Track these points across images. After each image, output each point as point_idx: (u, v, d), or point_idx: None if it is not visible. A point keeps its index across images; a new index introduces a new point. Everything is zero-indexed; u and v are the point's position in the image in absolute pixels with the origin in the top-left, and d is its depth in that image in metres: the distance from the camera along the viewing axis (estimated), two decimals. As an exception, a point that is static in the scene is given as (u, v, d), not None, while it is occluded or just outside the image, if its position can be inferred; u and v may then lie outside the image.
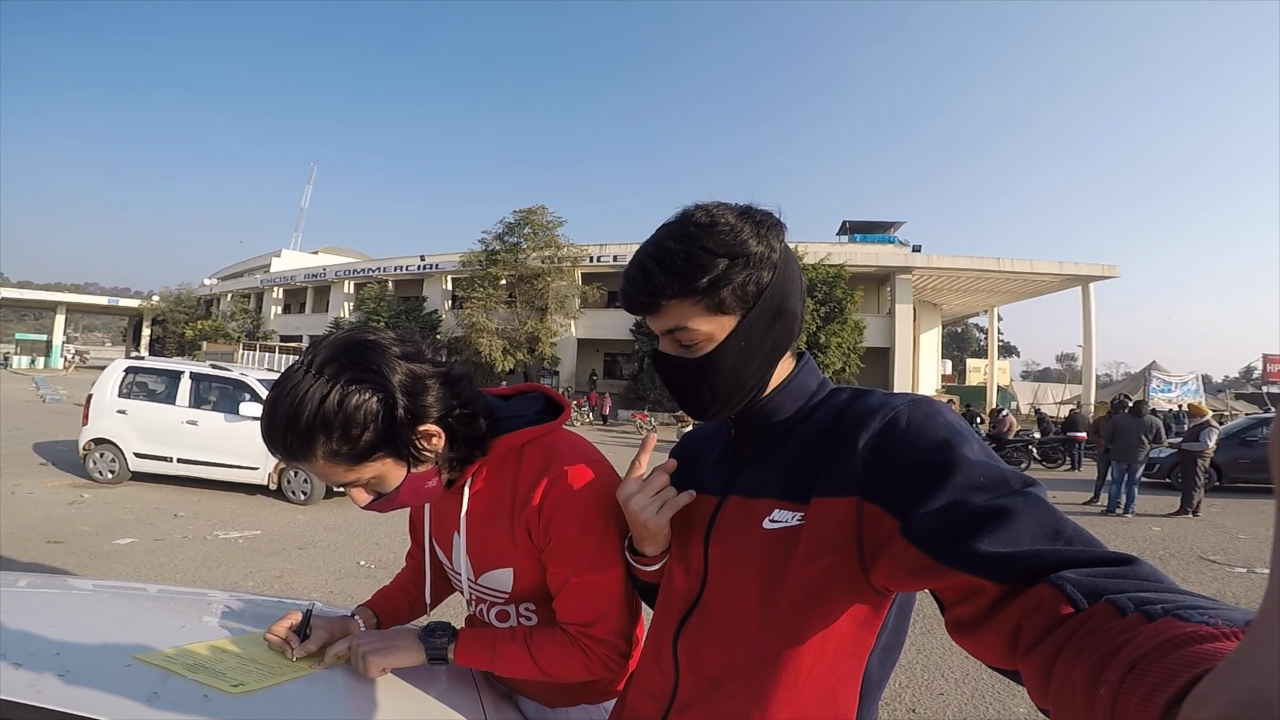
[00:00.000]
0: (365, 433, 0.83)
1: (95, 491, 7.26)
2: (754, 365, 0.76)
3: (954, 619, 0.57)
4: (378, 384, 0.84)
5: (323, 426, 0.80)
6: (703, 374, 0.75)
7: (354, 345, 0.86)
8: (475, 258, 29.21)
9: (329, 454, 0.82)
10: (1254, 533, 7.68)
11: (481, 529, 1.02)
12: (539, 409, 1.08)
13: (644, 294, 0.74)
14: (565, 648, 0.97)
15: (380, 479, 0.89)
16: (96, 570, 4.62)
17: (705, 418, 0.80)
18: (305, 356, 0.86)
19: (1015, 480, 0.59)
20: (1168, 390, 23.61)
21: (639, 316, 0.78)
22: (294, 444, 0.82)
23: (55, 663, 0.84)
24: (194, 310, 48.19)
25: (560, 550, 0.95)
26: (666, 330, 0.76)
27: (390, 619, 1.18)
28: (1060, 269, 26.94)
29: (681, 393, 0.79)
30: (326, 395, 0.81)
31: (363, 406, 0.82)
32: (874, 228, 32.56)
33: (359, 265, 39.77)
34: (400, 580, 1.25)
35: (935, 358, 32.63)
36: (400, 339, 0.91)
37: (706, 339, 0.74)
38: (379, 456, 0.86)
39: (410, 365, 0.88)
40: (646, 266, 0.74)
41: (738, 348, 0.74)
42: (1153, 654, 0.35)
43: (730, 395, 0.77)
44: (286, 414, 0.81)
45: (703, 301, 0.72)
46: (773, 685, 0.72)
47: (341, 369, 0.83)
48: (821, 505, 0.69)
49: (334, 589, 4.53)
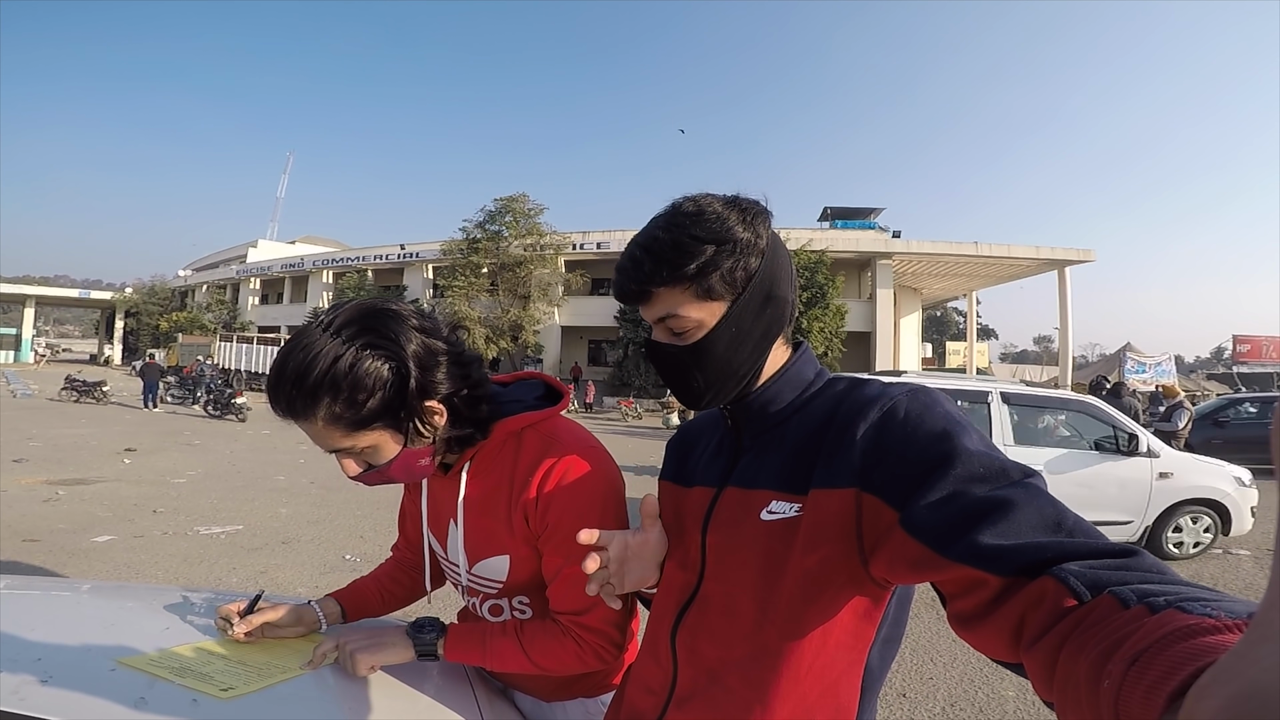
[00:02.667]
0: (371, 399, 0.82)
1: (71, 488, 7.12)
2: (745, 351, 0.76)
3: (956, 612, 0.57)
4: (392, 352, 0.84)
5: (330, 387, 0.80)
6: (695, 361, 0.75)
7: (375, 312, 0.86)
8: (456, 246, 29.02)
9: (330, 416, 0.82)
10: None
11: (479, 515, 1.01)
12: (539, 395, 1.08)
13: (634, 282, 0.75)
14: (558, 639, 0.96)
15: (375, 449, 0.88)
16: (75, 569, 4.54)
17: (700, 406, 0.80)
18: (325, 316, 0.86)
19: (1015, 471, 0.59)
20: (1142, 371, 24.07)
21: (632, 306, 0.79)
22: (298, 400, 0.81)
23: (37, 668, 0.82)
24: (168, 302, 47.45)
25: (555, 538, 0.94)
26: (658, 319, 0.76)
27: (357, 611, 1.16)
28: (1037, 253, 27.28)
29: (675, 382, 0.79)
30: (340, 356, 0.81)
31: (374, 373, 0.82)
32: (855, 214, 32.75)
33: (337, 254, 39.37)
34: (377, 573, 1.23)
35: (916, 341, 33.01)
36: (419, 313, 0.91)
37: (697, 326, 0.74)
38: (378, 426, 0.85)
39: (426, 339, 0.88)
40: (636, 256, 0.74)
41: (729, 334, 0.74)
42: (1155, 647, 0.35)
43: (723, 382, 0.77)
44: (296, 369, 0.80)
45: (691, 288, 0.73)
46: (773, 679, 0.72)
47: (359, 332, 0.83)
48: (820, 497, 0.68)
49: (319, 583, 4.48)
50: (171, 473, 8.42)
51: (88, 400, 18.37)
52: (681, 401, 0.81)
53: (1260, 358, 35.17)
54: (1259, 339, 35.86)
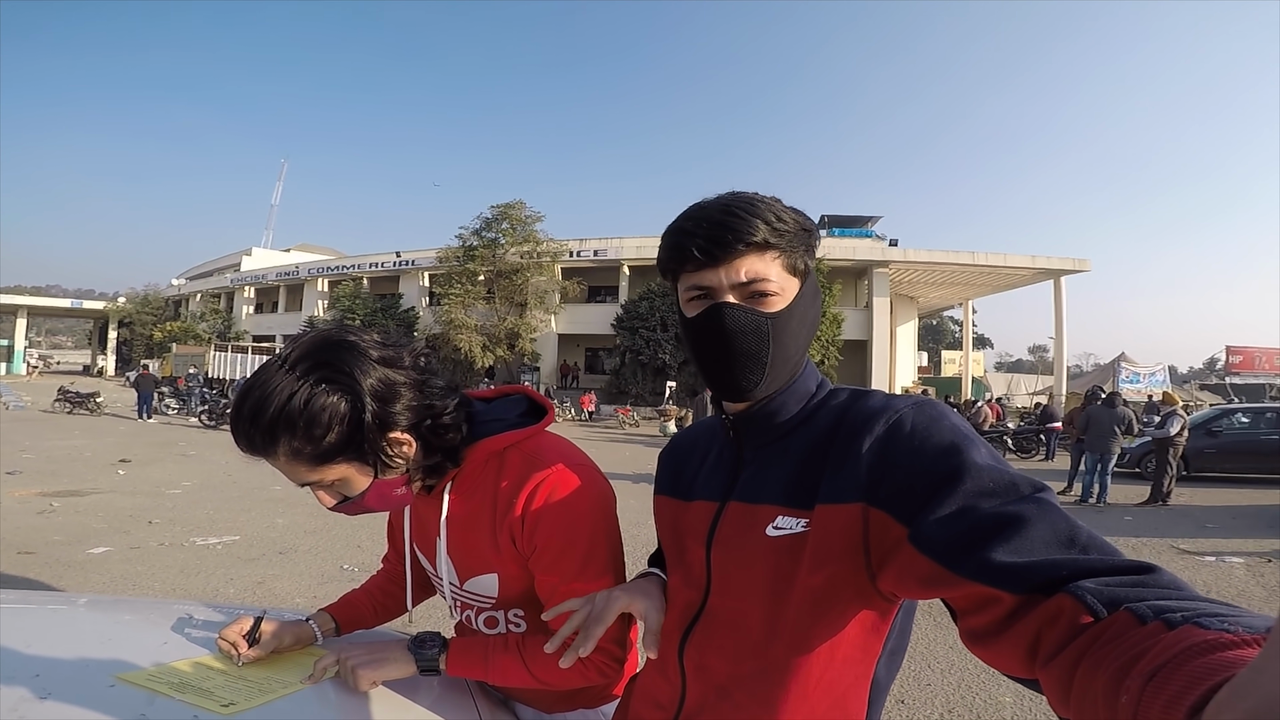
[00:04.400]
0: (329, 435, 0.81)
1: (66, 500, 7.08)
2: (802, 339, 0.76)
3: (969, 629, 0.56)
4: (347, 387, 0.82)
5: (286, 424, 0.79)
6: (775, 331, 0.71)
7: (330, 344, 0.85)
8: (453, 254, 29.00)
9: (291, 452, 0.81)
10: (1222, 522, 7.85)
11: (464, 534, 1.00)
12: (522, 411, 1.06)
13: (729, 232, 0.69)
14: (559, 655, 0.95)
15: (345, 482, 0.87)
16: (71, 581, 4.51)
17: (745, 395, 0.74)
18: (283, 350, 0.86)
19: (1025, 485, 0.58)
20: (1136, 381, 24.15)
21: (694, 272, 0.72)
22: (256, 438, 0.81)
23: (36, 684, 0.81)
24: (162, 311, 47.27)
25: (546, 558, 0.94)
26: (741, 281, 0.70)
27: (351, 624, 1.16)
28: (1033, 262, 27.43)
29: (736, 356, 0.72)
30: (295, 393, 0.80)
31: (329, 408, 0.81)
32: (851, 222, 32.82)
33: (333, 263, 39.30)
34: (369, 585, 1.23)
35: (912, 350, 33.14)
36: (381, 343, 0.89)
37: (780, 294, 0.72)
38: (341, 460, 0.84)
39: (386, 370, 0.86)
40: (725, 215, 0.70)
41: (801, 311, 0.74)
42: (1173, 662, 0.35)
43: (784, 364, 0.74)
44: (253, 407, 0.80)
45: (781, 258, 0.72)
46: (782, 694, 0.71)
47: (313, 367, 0.82)
48: (826, 512, 0.68)
49: (317, 594, 4.46)
50: (167, 483, 8.37)
51: (81, 412, 18.30)
52: (723, 387, 0.75)
53: (1253, 368, 35.31)
54: (1251, 350, 36.01)
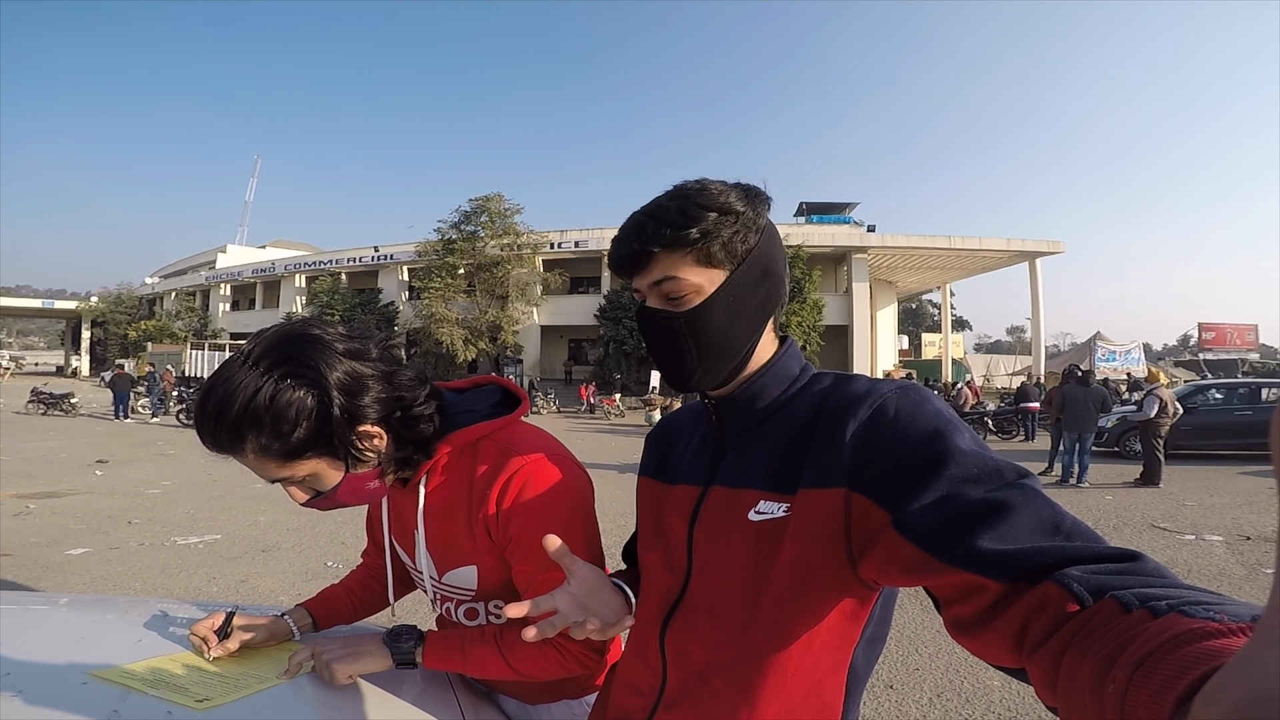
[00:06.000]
0: (296, 430, 0.80)
1: (42, 501, 6.96)
2: (740, 325, 0.74)
3: (954, 618, 0.56)
4: (313, 381, 0.81)
5: (252, 421, 0.78)
6: (690, 330, 0.73)
7: (294, 338, 0.83)
8: (432, 247, 28.73)
9: (258, 449, 0.80)
10: (1200, 500, 7.84)
11: (441, 526, 0.99)
12: (495, 402, 1.05)
13: (636, 242, 0.73)
14: (538, 647, 0.93)
15: (316, 477, 0.86)
16: (49, 583, 4.44)
17: (689, 386, 0.76)
18: (246, 346, 0.83)
19: (1010, 472, 0.58)
20: (1112, 359, 24.60)
21: (626, 279, 0.76)
22: (222, 436, 0.79)
23: (8, 683, 0.81)
24: (136, 310, 46.30)
25: (522, 548, 0.93)
26: (655, 282, 0.74)
27: (329, 620, 1.15)
28: (1008, 245, 27.75)
29: (666, 356, 0.76)
30: (260, 389, 0.78)
31: (296, 403, 0.79)
32: (830, 209, 32.97)
33: (310, 258, 38.70)
34: (348, 581, 1.22)
35: (892, 334, 33.45)
36: (347, 335, 0.88)
37: (695, 291, 0.72)
38: (311, 455, 0.83)
39: (353, 363, 0.85)
40: (640, 221, 0.73)
41: (725, 302, 0.73)
42: (1160, 651, 0.35)
43: (717, 358, 0.74)
44: (217, 405, 0.78)
45: (692, 253, 0.71)
46: (760, 680, 0.71)
47: (277, 362, 0.80)
48: (808, 496, 0.67)
49: (301, 591, 4.42)
50: (146, 483, 8.26)
51: (55, 413, 17.97)
52: (669, 381, 0.78)
53: (1225, 344, 36.11)
54: (1224, 326, 36.80)
